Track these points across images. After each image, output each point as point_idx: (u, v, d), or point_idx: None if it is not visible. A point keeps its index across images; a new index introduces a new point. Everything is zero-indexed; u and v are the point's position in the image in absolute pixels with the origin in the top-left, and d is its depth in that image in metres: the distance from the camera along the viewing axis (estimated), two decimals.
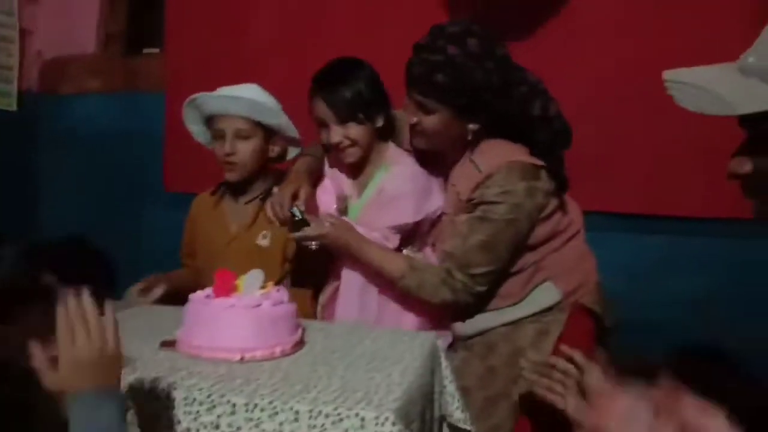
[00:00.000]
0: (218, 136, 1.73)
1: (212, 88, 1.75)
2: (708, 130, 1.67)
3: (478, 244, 1.41)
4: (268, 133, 1.76)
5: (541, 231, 1.46)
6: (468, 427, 1.30)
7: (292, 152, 1.84)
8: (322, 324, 1.39)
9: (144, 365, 1.05)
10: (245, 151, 1.73)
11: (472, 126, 1.44)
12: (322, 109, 1.54)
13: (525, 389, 1.40)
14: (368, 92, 1.54)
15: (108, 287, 2.78)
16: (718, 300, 1.98)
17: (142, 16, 2.84)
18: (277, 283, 1.60)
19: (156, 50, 2.76)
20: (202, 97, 1.71)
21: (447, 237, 1.50)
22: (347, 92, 1.52)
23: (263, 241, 1.76)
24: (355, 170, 1.65)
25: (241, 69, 2.40)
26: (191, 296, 1.18)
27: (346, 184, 1.67)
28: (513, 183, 1.40)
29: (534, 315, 1.48)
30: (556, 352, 1.43)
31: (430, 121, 1.43)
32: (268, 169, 1.82)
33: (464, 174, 1.48)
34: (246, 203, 1.81)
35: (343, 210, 1.62)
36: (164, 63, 2.66)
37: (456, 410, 1.30)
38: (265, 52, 2.48)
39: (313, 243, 1.50)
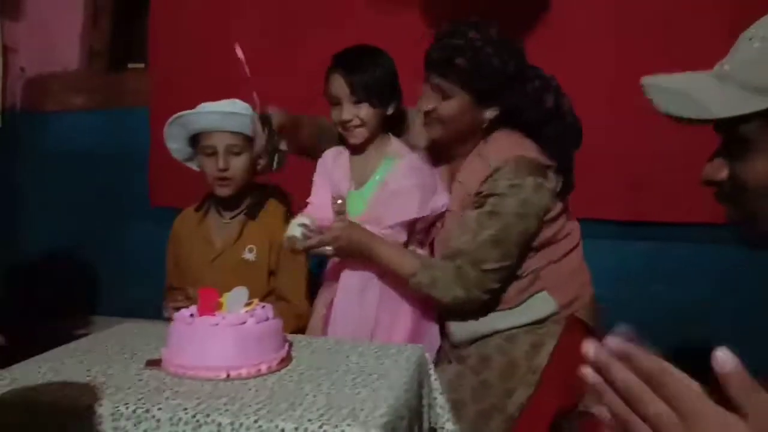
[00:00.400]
0: (207, 152, 1.72)
1: (197, 103, 1.74)
2: (692, 136, 1.69)
3: (489, 239, 1.40)
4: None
5: (544, 234, 1.46)
6: None
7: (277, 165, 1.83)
8: (308, 339, 1.38)
9: (129, 385, 1.05)
10: (238, 166, 1.73)
11: (487, 114, 1.45)
12: (339, 85, 1.56)
13: (520, 402, 1.41)
14: (386, 78, 1.57)
15: (87, 302, 2.78)
16: (701, 305, 2.00)
17: (126, 31, 2.84)
18: (264, 297, 1.60)
19: (140, 65, 2.76)
20: (190, 114, 1.71)
21: (454, 234, 1.48)
22: (366, 73, 1.55)
23: (249, 255, 1.76)
24: (356, 158, 1.65)
25: (225, 83, 2.40)
26: (175, 315, 1.17)
27: (345, 179, 1.65)
28: (521, 177, 1.40)
29: (528, 325, 1.47)
30: (550, 365, 1.44)
31: (448, 107, 1.44)
32: (254, 183, 1.83)
33: (472, 168, 1.48)
34: (231, 218, 1.81)
35: (340, 210, 1.61)
36: (148, 78, 2.65)
37: (447, 422, 1.30)
38: (249, 66, 2.48)
39: (329, 248, 1.49)
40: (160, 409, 0.96)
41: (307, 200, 1.71)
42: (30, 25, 2.83)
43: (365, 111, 1.57)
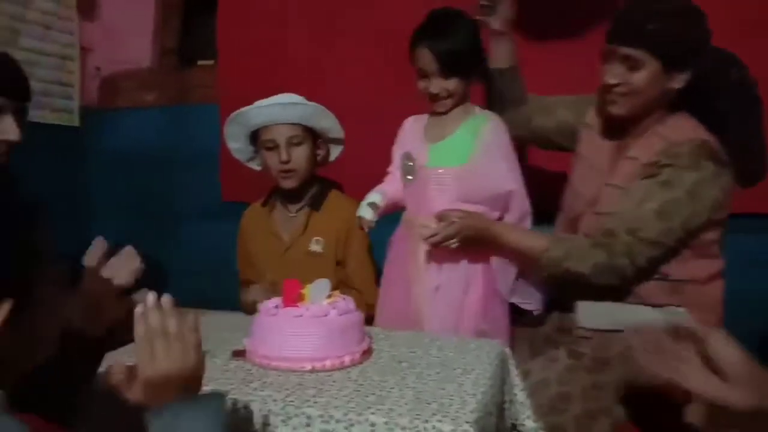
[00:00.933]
0: (268, 146, 1.74)
1: (265, 98, 1.77)
2: None
3: (653, 209, 1.34)
4: (315, 136, 1.78)
5: (705, 236, 1.39)
6: None
7: (334, 153, 1.86)
8: (385, 332, 1.37)
9: (217, 378, 1.06)
10: (300, 156, 1.74)
11: (676, 83, 1.39)
12: (428, 60, 1.56)
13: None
14: (473, 47, 1.59)
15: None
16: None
17: (196, 29, 2.90)
18: (333, 288, 1.61)
19: (210, 62, 2.81)
20: (248, 110, 1.72)
21: (613, 206, 1.42)
22: (454, 45, 1.55)
23: (316, 247, 1.77)
24: (435, 119, 1.68)
25: (293, 79, 2.43)
26: (259, 306, 1.18)
27: (418, 138, 1.69)
28: (704, 159, 1.34)
29: None
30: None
31: (638, 78, 1.38)
32: (315, 175, 1.84)
33: (649, 144, 1.42)
34: (297, 211, 1.83)
35: (407, 171, 1.65)
36: (217, 75, 2.70)
37: (527, 419, 1.27)
38: (313, 60, 2.50)
39: (454, 241, 1.49)
40: (252, 400, 0.97)
41: (388, 169, 1.75)
42: (104, 26, 2.91)
43: (454, 84, 1.58)
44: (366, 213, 1.64)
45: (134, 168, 2.87)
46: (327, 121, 1.76)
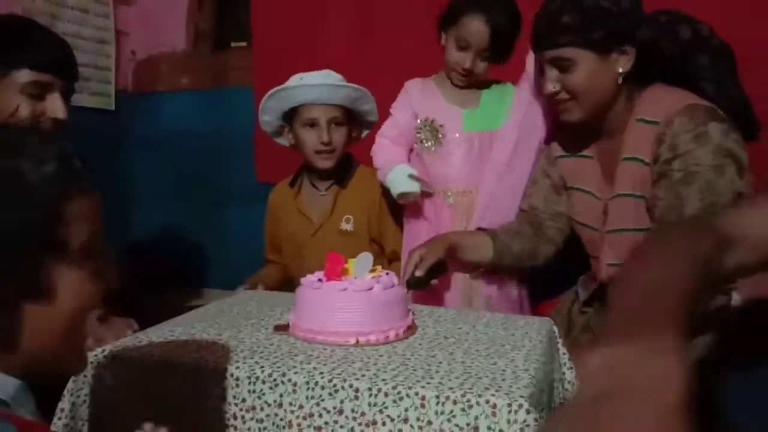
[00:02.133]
0: (309, 125, 1.72)
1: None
2: None
3: (697, 209, 1.22)
4: (351, 117, 1.77)
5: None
6: None
7: (365, 134, 1.85)
8: (429, 309, 1.34)
9: (261, 351, 1.04)
10: (340, 138, 1.73)
11: (620, 66, 1.29)
12: (480, 31, 1.51)
13: None
14: (516, 31, 1.55)
15: (202, 282, 2.85)
16: None
17: (230, 11, 2.89)
18: None
19: (244, 44, 2.80)
20: (293, 87, 1.70)
21: (638, 221, 1.33)
22: (507, 27, 1.52)
23: (347, 226, 1.76)
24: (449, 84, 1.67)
25: (326, 61, 2.40)
26: (302, 280, 1.16)
27: (440, 105, 1.66)
28: (703, 123, 1.22)
29: None
30: None
31: (574, 78, 1.30)
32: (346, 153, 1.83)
33: (635, 136, 1.32)
34: (326, 189, 1.80)
35: (435, 134, 1.64)
36: (252, 57, 2.68)
37: None
38: (347, 43, 2.47)
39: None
40: (296, 373, 0.95)
41: (378, 134, 1.73)
42: (140, 9, 2.92)
43: (485, 65, 1.57)
44: (413, 186, 1.60)
45: (170, 151, 2.87)
46: (368, 105, 1.75)
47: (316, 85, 1.68)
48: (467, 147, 1.62)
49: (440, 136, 1.62)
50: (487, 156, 1.60)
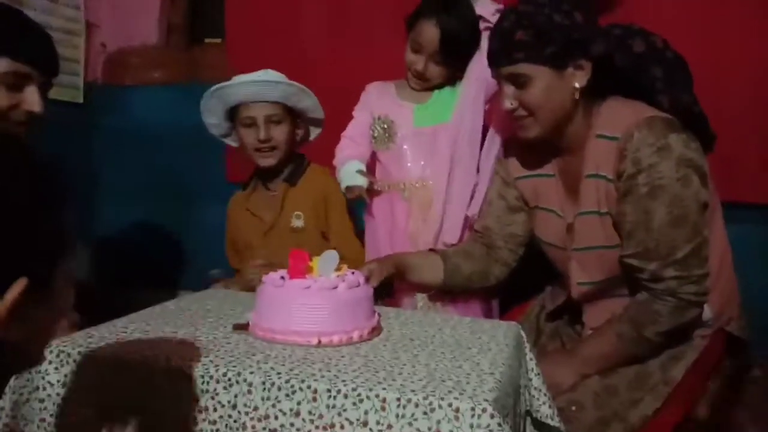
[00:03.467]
0: (246, 124, 1.71)
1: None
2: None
3: (666, 222, 1.21)
4: (294, 116, 1.75)
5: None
6: (555, 424, 1.20)
7: (314, 133, 1.84)
8: (395, 310, 1.31)
9: (217, 350, 1.00)
10: (279, 135, 1.72)
11: (577, 81, 1.28)
12: (430, 36, 1.56)
13: (645, 414, 1.27)
14: (473, 36, 1.58)
15: (173, 281, 2.79)
16: None
17: (203, 6, 2.84)
18: None
19: (218, 40, 2.75)
20: (227, 87, 1.69)
21: (606, 238, 1.32)
22: (459, 28, 1.54)
23: (298, 222, 1.75)
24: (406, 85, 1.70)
25: (301, 56, 2.37)
26: (264, 278, 1.12)
27: (394, 103, 1.69)
28: (663, 136, 1.20)
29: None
30: (685, 379, 1.30)
31: (530, 93, 1.28)
32: (294, 153, 1.81)
33: (596, 153, 1.30)
34: (275, 189, 1.79)
35: (387, 131, 1.66)
36: (225, 52, 2.63)
37: (542, 405, 1.20)
38: (321, 39, 2.44)
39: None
40: (252, 372, 0.90)
41: (342, 134, 1.74)
42: (111, 2, 2.85)
43: (441, 69, 1.60)
44: (360, 180, 1.62)
45: (140, 147, 2.80)
46: (307, 101, 1.73)
47: (249, 83, 1.67)
48: (418, 141, 1.64)
49: (393, 132, 1.65)
50: (438, 149, 1.63)
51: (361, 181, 1.61)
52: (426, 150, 1.65)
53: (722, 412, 1.44)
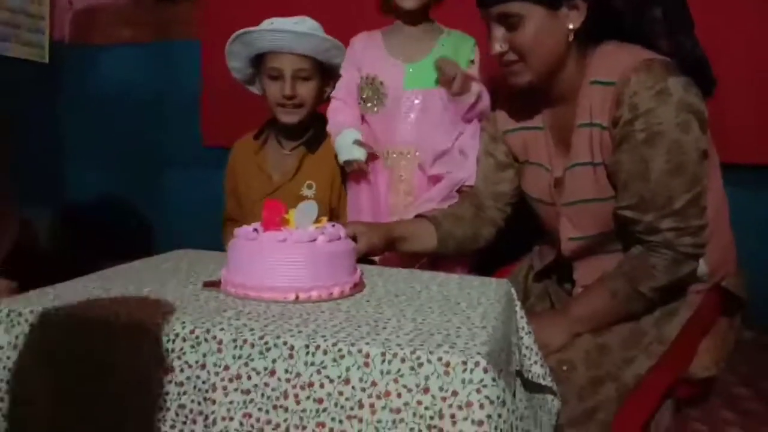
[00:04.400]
0: (273, 75, 1.57)
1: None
2: None
3: (664, 171, 1.14)
4: (324, 71, 1.62)
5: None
6: (548, 384, 1.14)
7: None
8: (379, 268, 1.23)
9: (185, 307, 0.91)
10: (306, 93, 1.58)
11: (571, 21, 1.20)
12: None
13: (638, 373, 1.21)
14: None
15: (142, 248, 2.70)
16: None
17: None
18: None
19: None
20: (256, 32, 1.54)
21: (598, 191, 1.25)
22: None
23: (308, 192, 1.62)
24: (397, 35, 1.58)
25: (283, 12, 2.25)
26: (236, 231, 1.03)
27: (383, 57, 1.57)
28: (662, 79, 1.13)
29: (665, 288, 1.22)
30: (680, 337, 1.24)
31: (522, 35, 1.20)
32: (317, 113, 1.67)
33: (590, 99, 1.22)
34: (291, 150, 1.66)
35: (376, 92, 1.55)
36: (200, 9, 2.51)
37: (534, 365, 1.13)
38: None
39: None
40: (222, 330, 0.82)
41: (332, 94, 1.62)
42: None
43: None
44: (357, 153, 1.52)
45: (109, 109, 2.69)
46: (341, 59, 1.61)
47: (279, 31, 1.52)
48: (409, 105, 1.53)
49: (382, 94, 1.52)
50: (430, 116, 1.52)
51: (359, 154, 1.52)
52: (418, 116, 1.54)
53: (716, 371, 1.39)
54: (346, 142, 1.53)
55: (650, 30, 1.25)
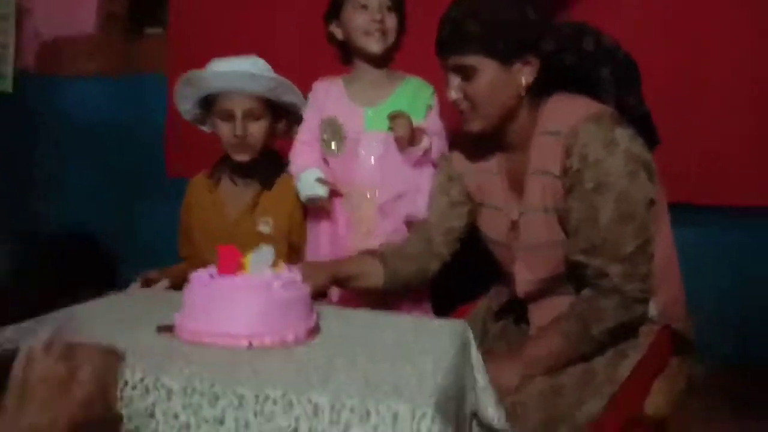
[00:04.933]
0: (224, 116, 1.59)
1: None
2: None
3: (613, 219, 1.18)
4: (276, 110, 1.64)
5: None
6: (503, 427, 1.16)
7: (295, 128, 1.72)
8: (338, 310, 1.24)
9: (136, 353, 0.91)
10: (257, 131, 1.61)
11: (524, 76, 1.26)
12: None
13: (591, 413, 1.22)
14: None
15: (107, 281, 2.67)
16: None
17: None
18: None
19: (159, 30, 2.63)
20: (205, 73, 1.57)
21: (558, 235, 1.28)
22: None
23: (265, 228, 1.64)
24: (358, 83, 1.60)
25: (246, 50, 2.28)
26: (192, 275, 1.04)
27: (344, 103, 1.59)
28: (610, 130, 1.18)
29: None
30: (630, 378, 1.26)
31: (476, 86, 1.25)
32: (270, 149, 1.70)
33: (541, 148, 1.27)
34: (246, 186, 1.68)
35: (336, 135, 1.57)
36: (166, 44, 2.53)
37: (488, 407, 1.15)
38: (268, 30, 2.36)
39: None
40: (172, 378, 0.82)
41: (296, 138, 1.64)
42: None
43: (392, 20, 1.51)
44: (320, 190, 1.54)
45: (75, 140, 2.68)
46: (291, 97, 1.63)
47: (228, 73, 1.55)
48: (368, 148, 1.55)
49: (342, 136, 1.54)
50: (389, 159, 1.54)
51: (321, 191, 1.54)
52: (379, 158, 1.56)
53: (669, 410, 1.42)
54: (308, 179, 1.55)
55: (597, 86, 1.31)
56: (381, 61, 1.57)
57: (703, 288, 1.80)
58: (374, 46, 1.53)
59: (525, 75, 1.26)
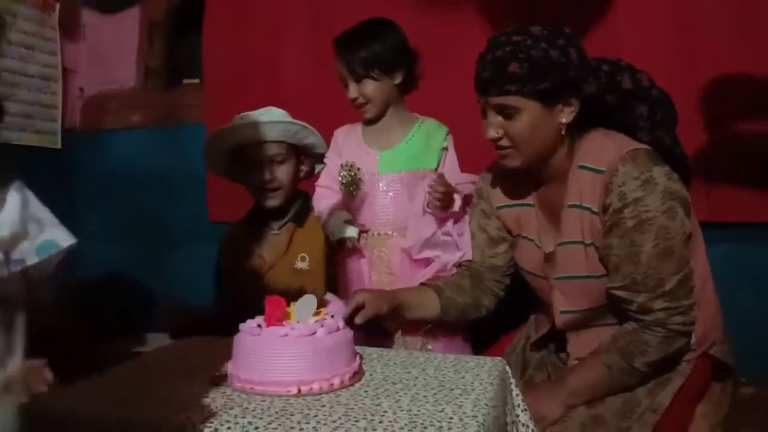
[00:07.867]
0: (250, 165, 1.69)
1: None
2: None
3: (653, 255, 1.21)
4: (299, 152, 1.74)
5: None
6: None
7: (319, 167, 1.80)
8: (378, 351, 1.29)
9: (194, 405, 0.97)
10: (284, 175, 1.71)
11: (564, 117, 1.28)
12: (341, 67, 1.56)
13: None
14: (385, 48, 1.54)
15: (147, 323, 2.75)
16: None
17: (181, 48, 2.85)
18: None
19: (196, 80, 2.75)
20: (231, 128, 1.69)
21: (589, 268, 1.31)
22: (362, 49, 1.53)
23: (302, 264, 1.71)
24: (372, 128, 1.64)
25: (278, 95, 2.37)
26: (241, 326, 1.10)
27: (360, 147, 1.63)
28: (648, 169, 1.21)
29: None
30: (672, 406, 1.28)
31: (517, 126, 1.28)
32: (298, 190, 1.79)
33: (580, 184, 1.30)
34: (279, 228, 1.76)
35: (353, 178, 1.59)
36: (204, 93, 2.64)
37: None
38: (300, 77, 2.45)
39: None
40: (229, 428, 0.88)
41: (316, 183, 1.69)
42: (88, 46, 2.86)
43: (370, 87, 1.55)
44: (350, 232, 1.58)
45: (120, 191, 2.79)
46: (312, 138, 1.72)
47: (250, 124, 1.66)
48: (383, 189, 1.58)
49: (359, 179, 1.58)
50: (410, 197, 1.57)
51: (352, 232, 1.57)
52: (395, 198, 1.59)
53: None
54: (338, 221, 1.59)
55: (634, 124, 1.35)
56: (382, 117, 1.62)
57: (740, 307, 1.81)
58: (366, 115, 1.61)
59: (565, 115, 1.29)
